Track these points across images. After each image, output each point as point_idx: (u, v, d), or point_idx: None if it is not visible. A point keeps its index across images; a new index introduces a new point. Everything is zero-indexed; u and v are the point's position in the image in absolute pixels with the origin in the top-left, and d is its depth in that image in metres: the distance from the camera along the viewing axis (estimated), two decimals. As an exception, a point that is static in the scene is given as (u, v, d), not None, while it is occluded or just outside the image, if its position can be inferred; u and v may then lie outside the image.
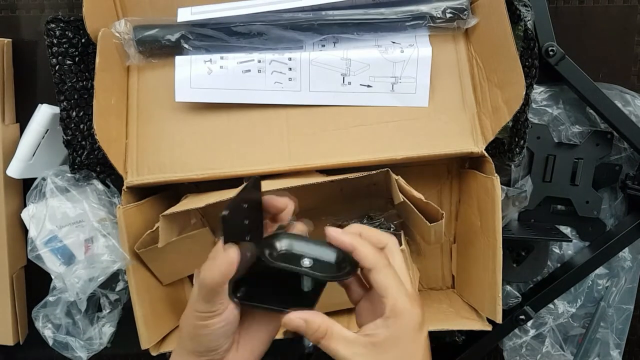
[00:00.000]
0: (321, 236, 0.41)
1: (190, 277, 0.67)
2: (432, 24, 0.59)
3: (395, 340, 0.37)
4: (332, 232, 0.40)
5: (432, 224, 0.55)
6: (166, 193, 0.65)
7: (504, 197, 0.65)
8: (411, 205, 0.55)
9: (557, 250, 0.69)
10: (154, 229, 0.56)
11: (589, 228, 0.69)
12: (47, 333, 0.62)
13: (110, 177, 0.63)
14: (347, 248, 0.40)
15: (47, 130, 0.61)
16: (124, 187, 0.57)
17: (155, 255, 0.59)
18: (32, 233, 0.60)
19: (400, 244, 0.54)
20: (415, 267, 0.66)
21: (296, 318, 0.38)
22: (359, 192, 0.65)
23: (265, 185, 0.56)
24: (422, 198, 0.54)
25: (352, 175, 0.53)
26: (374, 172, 0.53)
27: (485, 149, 0.58)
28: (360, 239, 0.40)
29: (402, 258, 0.42)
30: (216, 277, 0.37)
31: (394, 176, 0.56)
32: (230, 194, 0.55)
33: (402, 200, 0.55)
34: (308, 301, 0.41)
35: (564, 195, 0.67)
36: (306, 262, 0.40)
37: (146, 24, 0.59)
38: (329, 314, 0.45)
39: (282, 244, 0.42)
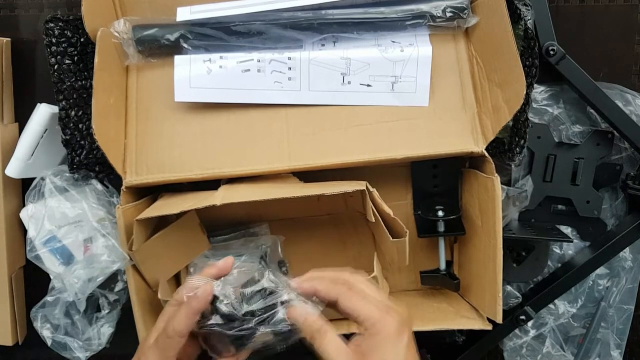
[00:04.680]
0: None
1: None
2: (432, 24, 0.59)
3: (377, 349, 0.40)
4: (293, 283, 0.44)
5: (394, 240, 0.54)
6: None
7: (505, 197, 0.65)
8: (380, 220, 0.55)
9: (558, 251, 0.69)
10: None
11: (589, 228, 0.68)
12: (46, 334, 0.62)
13: (109, 177, 0.62)
14: (309, 292, 0.44)
15: (46, 130, 0.60)
16: (123, 188, 0.57)
17: (143, 256, 0.58)
18: (31, 233, 0.60)
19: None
20: (385, 282, 0.66)
21: (300, 310, 0.42)
22: (335, 202, 0.65)
23: (241, 195, 0.55)
24: (391, 214, 0.53)
25: (329, 192, 0.52)
26: (351, 190, 0.52)
27: (485, 149, 0.58)
28: (319, 280, 0.44)
29: (363, 279, 0.45)
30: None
31: (369, 196, 0.54)
32: (206, 197, 0.54)
33: (374, 221, 0.55)
34: None
35: (564, 196, 0.67)
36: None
37: (145, 23, 0.59)
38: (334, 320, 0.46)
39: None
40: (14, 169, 0.61)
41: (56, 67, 0.55)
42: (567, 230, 0.69)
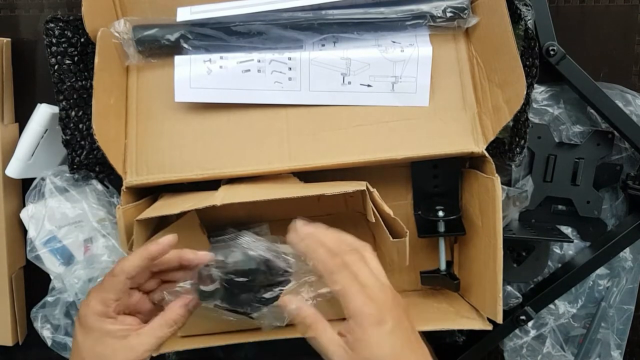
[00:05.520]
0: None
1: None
2: (432, 23, 0.59)
3: (361, 340, 0.40)
4: (291, 237, 0.45)
5: (394, 240, 0.54)
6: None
7: (505, 197, 0.65)
8: (380, 220, 0.55)
9: (558, 251, 0.69)
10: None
11: (589, 228, 0.68)
12: (46, 334, 0.62)
13: (109, 177, 0.62)
14: (302, 252, 0.44)
15: (46, 130, 0.61)
16: (123, 188, 0.57)
17: None
18: (31, 233, 0.60)
19: None
20: None
21: (293, 302, 0.43)
22: (336, 202, 0.65)
23: (241, 195, 0.55)
24: (391, 214, 0.53)
25: (329, 192, 0.52)
26: (351, 190, 0.52)
27: (485, 149, 0.58)
28: (316, 244, 0.44)
29: (363, 255, 0.44)
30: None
31: (369, 196, 0.54)
32: (206, 197, 0.54)
33: (374, 221, 0.54)
34: None
35: (564, 195, 0.67)
36: None
37: (145, 23, 0.59)
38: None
39: None
40: (14, 169, 0.61)
41: (56, 67, 0.55)
42: (567, 230, 0.69)
